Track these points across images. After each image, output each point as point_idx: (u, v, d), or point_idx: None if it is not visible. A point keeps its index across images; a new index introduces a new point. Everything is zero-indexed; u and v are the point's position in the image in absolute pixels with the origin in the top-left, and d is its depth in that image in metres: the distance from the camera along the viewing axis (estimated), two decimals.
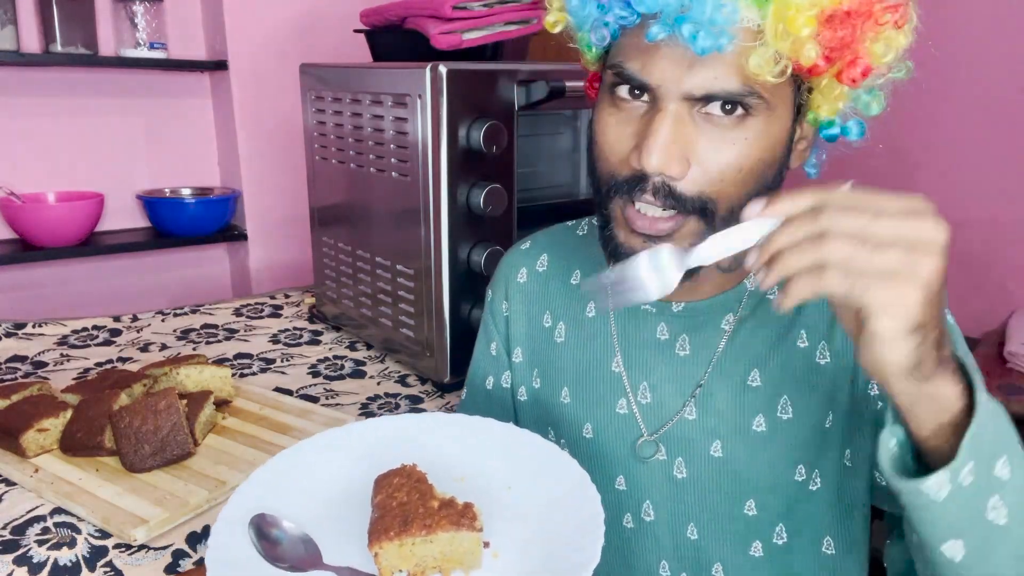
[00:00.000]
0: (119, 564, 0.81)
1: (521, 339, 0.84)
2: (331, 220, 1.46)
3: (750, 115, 0.59)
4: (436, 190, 1.13)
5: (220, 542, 0.59)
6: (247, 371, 1.30)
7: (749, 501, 0.71)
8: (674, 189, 0.60)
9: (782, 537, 0.71)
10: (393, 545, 0.57)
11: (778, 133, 0.61)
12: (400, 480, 0.62)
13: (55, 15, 1.74)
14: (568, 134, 1.61)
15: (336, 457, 0.70)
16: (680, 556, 0.74)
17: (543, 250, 0.85)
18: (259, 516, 0.61)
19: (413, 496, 0.60)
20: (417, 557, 0.58)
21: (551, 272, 0.83)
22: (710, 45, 0.55)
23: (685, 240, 0.62)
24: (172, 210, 1.95)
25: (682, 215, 0.61)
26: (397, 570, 0.58)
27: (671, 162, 0.58)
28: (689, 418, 0.72)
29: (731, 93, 0.58)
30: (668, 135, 0.58)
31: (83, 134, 1.93)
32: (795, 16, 0.54)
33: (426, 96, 1.11)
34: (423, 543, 0.57)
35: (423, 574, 0.58)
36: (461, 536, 0.57)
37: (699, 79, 0.58)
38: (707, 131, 0.59)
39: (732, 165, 0.60)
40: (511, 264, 0.86)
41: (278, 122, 2.05)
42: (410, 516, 0.58)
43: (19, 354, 1.35)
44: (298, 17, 2.05)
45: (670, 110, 0.59)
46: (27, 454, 0.95)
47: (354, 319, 1.44)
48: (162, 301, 2.06)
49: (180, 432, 0.94)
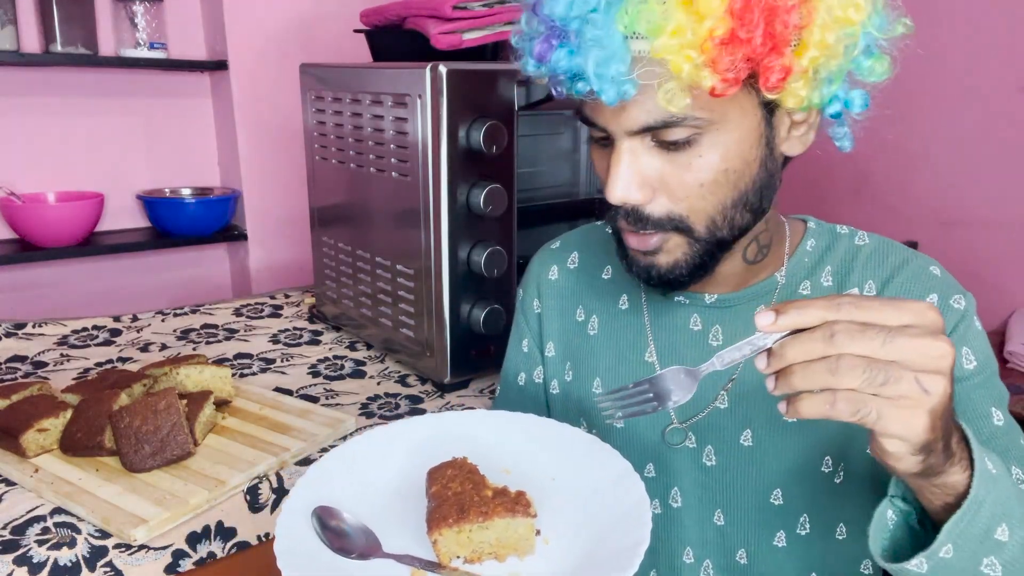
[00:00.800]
0: (119, 564, 0.81)
1: (554, 334, 0.86)
2: (331, 220, 1.46)
3: (701, 133, 0.62)
4: (436, 190, 1.13)
5: (286, 533, 0.61)
6: (247, 371, 1.30)
7: (776, 491, 0.73)
8: (642, 214, 0.65)
9: (805, 528, 0.73)
10: (452, 531, 0.59)
11: (738, 139, 0.63)
12: (453, 472, 0.64)
13: (55, 15, 1.74)
14: (568, 134, 1.60)
15: (385, 454, 0.72)
16: (704, 543, 0.76)
17: (573, 248, 0.88)
18: (321, 508, 0.63)
19: (467, 486, 0.62)
20: (474, 543, 0.60)
21: (582, 268, 0.86)
22: (614, 96, 0.58)
23: (675, 252, 0.66)
24: (172, 210, 1.95)
25: (661, 234, 0.66)
26: (455, 556, 0.60)
27: (631, 192, 0.63)
28: (721, 407, 0.74)
29: (666, 121, 0.61)
30: (624, 169, 0.63)
31: (83, 134, 1.93)
32: (675, 57, 0.56)
33: (426, 96, 1.11)
34: (480, 529, 0.59)
35: (479, 559, 0.61)
36: (516, 522, 0.59)
37: (632, 117, 0.61)
38: (660, 157, 0.63)
39: (692, 184, 0.63)
40: (542, 263, 0.89)
41: (278, 122, 2.05)
42: (466, 504, 0.60)
43: (19, 354, 1.35)
44: (298, 17, 2.05)
45: (623, 147, 0.63)
46: (27, 454, 0.95)
47: (354, 319, 1.44)
48: (162, 301, 2.06)
49: (180, 432, 0.94)
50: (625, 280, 0.82)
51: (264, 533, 0.93)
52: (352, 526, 0.63)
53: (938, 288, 0.70)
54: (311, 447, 1.01)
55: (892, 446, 0.48)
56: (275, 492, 0.94)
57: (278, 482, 0.95)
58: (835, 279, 0.73)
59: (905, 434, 0.47)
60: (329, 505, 0.64)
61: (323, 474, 0.68)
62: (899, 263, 0.72)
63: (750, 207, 0.66)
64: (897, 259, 0.72)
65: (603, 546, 0.59)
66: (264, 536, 0.93)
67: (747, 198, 0.65)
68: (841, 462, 0.72)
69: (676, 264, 0.67)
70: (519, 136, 1.18)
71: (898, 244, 0.74)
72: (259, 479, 0.94)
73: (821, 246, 0.75)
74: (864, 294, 0.71)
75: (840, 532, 0.74)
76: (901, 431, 0.47)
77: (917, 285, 0.70)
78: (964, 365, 0.67)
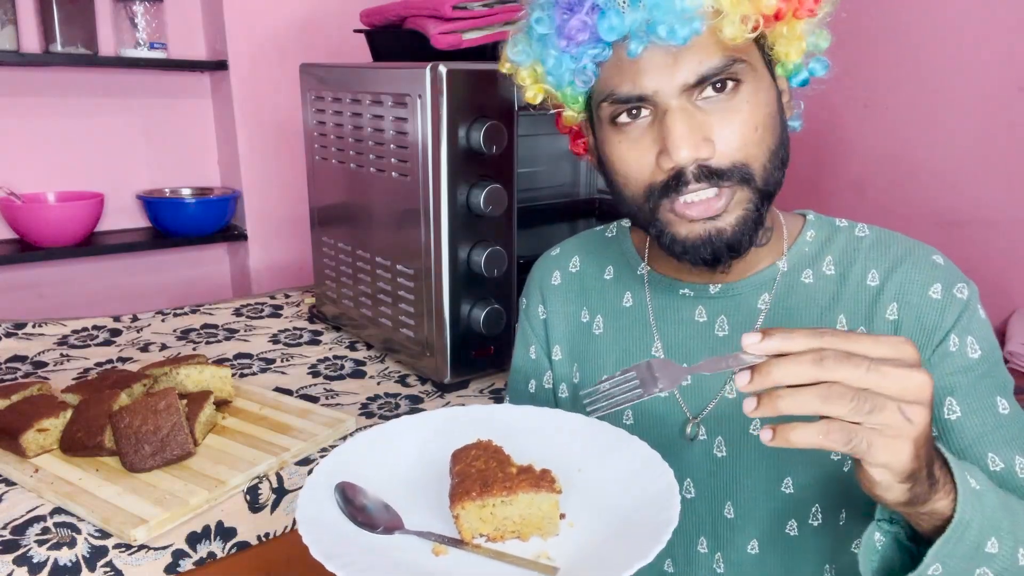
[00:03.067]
0: (119, 564, 0.81)
1: (560, 338, 0.86)
2: (331, 220, 1.46)
3: (741, 83, 0.64)
4: (436, 190, 1.13)
5: (308, 505, 0.60)
6: (247, 371, 1.30)
7: (787, 479, 0.73)
8: (712, 168, 0.64)
9: (817, 518, 0.73)
10: (475, 506, 0.58)
11: (767, 89, 0.67)
12: (477, 452, 0.64)
13: (55, 15, 1.74)
14: None
15: (409, 440, 0.72)
16: (717, 534, 0.76)
17: (574, 253, 0.88)
18: (344, 483, 0.63)
19: (491, 464, 0.62)
20: (497, 520, 0.59)
21: (584, 271, 0.86)
22: (688, 32, 0.60)
23: (739, 208, 0.66)
24: (172, 210, 1.95)
25: (728, 188, 0.65)
26: (477, 533, 0.60)
27: (698, 147, 0.63)
28: (729, 397, 0.74)
29: (720, 68, 0.63)
30: (684, 127, 0.63)
31: (83, 134, 1.93)
32: None
33: (426, 96, 1.11)
34: (503, 505, 0.58)
35: (502, 538, 0.60)
36: (540, 498, 0.59)
37: (687, 69, 0.63)
38: (712, 112, 0.64)
39: (749, 127, 0.65)
40: (543, 270, 0.89)
41: (278, 122, 2.05)
42: (490, 480, 0.59)
43: (19, 354, 1.35)
44: (298, 17, 2.05)
45: (675, 106, 0.63)
46: (27, 454, 0.95)
47: (354, 319, 1.44)
48: (162, 301, 2.06)
49: (180, 432, 0.94)
50: (627, 278, 0.82)
51: (264, 533, 0.93)
52: (374, 502, 0.63)
53: (941, 277, 0.70)
54: (311, 447, 1.01)
55: (879, 475, 0.50)
56: (275, 492, 0.94)
57: (278, 482, 0.95)
58: (837, 268, 0.74)
59: (891, 463, 0.48)
60: (352, 482, 0.64)
61: (346, 455, 0.68)
62: (902, 253, 0.72)
63: (782, 159, 0.69)
64: (900, 249, 0.73)
65: (629, 528, 0.58)
66: (264, 536, 0.94)
67: (781, 149, 0.68)
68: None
69: (742, 220, 0.67)
70: (519, 136, 1.18)
71: (898, 234, 0.75)
72: (259, 479, 0.94)
73: (821, 237, 0.76)
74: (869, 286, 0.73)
75: (842, 518, 0.74)
76: (888, 460, 0.48)
77: (921, 274, 0.70)
78: (969, 355, 0.68)
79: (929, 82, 1.68)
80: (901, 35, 1.67)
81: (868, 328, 0.71)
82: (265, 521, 0.93)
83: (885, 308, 0.70)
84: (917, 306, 0.69)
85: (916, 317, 0.69)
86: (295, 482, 0.96)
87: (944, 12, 1.63)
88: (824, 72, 0.71)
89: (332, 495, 0.62)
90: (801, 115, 0.75)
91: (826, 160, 1.86)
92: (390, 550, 0.58)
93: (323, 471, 0.65)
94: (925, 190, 1.71)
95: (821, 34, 0.69)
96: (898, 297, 0.70)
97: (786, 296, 0.74)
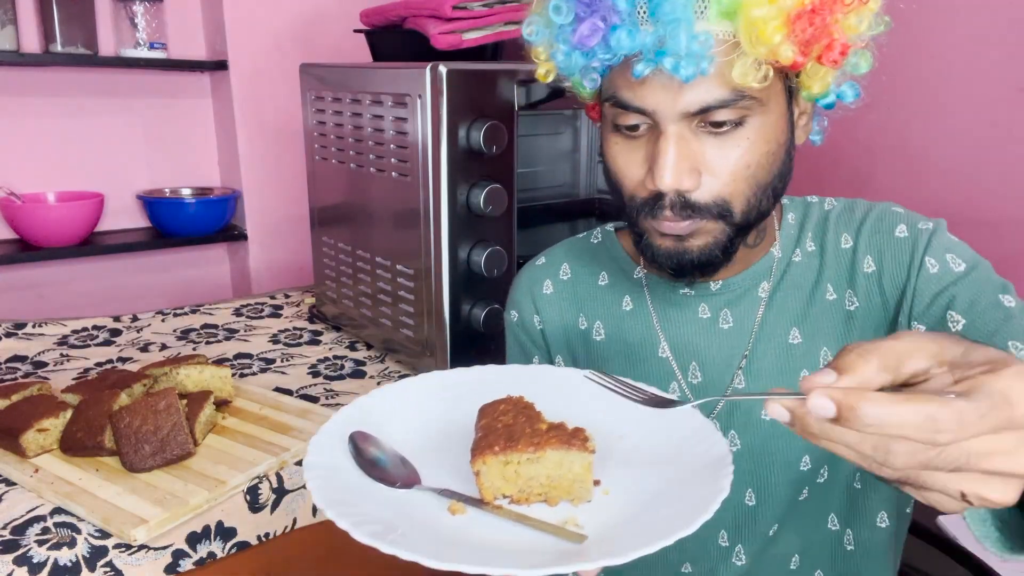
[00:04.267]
0: (119, 564, 0.81)
1: (560, 347, 0.86)
2: (331, 220, 1.46)
3: (748, 115, 0.63)
4: (436, 190, 1.13)
5: (318, 451, 0.56)
6: (247, 371, 1.30)
7: (805, 457, 0.74)
8: (689, 200, 0.64)
9: (823, 476, 0.75)
10: (497, 461, 0.53)
11: (776, 122, 0.65)
12: (506, 407, 0.59)
13: (55, 15, 1.74)
14: (568, 134, 1.61)
15: (436, 397, 0.67)
16: (738, 525, 0.77)
17: (562, 260, 0.87)
18: (358, 433, 0.59)
19: (520, 419, 0.56)
20: (522, 480, 0.54)
21: (576, 278, 0.85)
22: (693, 72, 0.58)
23: (707, 236, 0.66)
24: (172, 210, 1.95)
25: (697, 220, 0.65)
26: (500, 493, 0.54)
27: (682, 178, 0.63)
28: (739, 387, 0.75)
29: (725, 101, 0.61)
30: (674, 154, 0.62)
31: (83, 134, 1.93)
32: (764, 27, 0.57)
33: (426, 96, 1.11)
34: (529, 463, 0.53)
35: (527, 501, 0.54)
36: (572, 457, 0.53)
37: (691, 97, 0.61)
38: (710, 141, 0.63)
39: (740, 166, 0.64)
40: (532, 280, 0.87)
41: (278, 122, 2.05)
42: (516, 435, 0.54)
43: (19, 354, 1.35)
44: (298, 17, 2.05)
45: (671, 131, 0.63)
46: (27, 454, 0.95)
47: (354, 319, 1.44)
48: (162, 301, 2.06)
49: (180, 432, 0.94)
50: (624, 283, 0.82)
51: (264, 533, 0.93)
52: (390, 455, 0.58)
53: (904, 219, 0.73)
54: None
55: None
56: (275, 492, 0.94)
57: (278, 482, 0.95)
58: (816, 242, 0.76)
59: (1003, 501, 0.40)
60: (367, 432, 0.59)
61: (366, 406, 0.63)
62: (865, 211, 0.76)
63: (775, 192, 0.68)
64: (862, 209, 0.76)
65: (672, 496, 0.53)
66: (264, 536, 0.94)
67: (775, 182, 0.67)
68: None
69: (706, 247, 0.67)
70: (519, 136, 1.18)
71: (861, 200, 0.78)
72: (259, 479, 0.94)
73: (799, 217, 0.78)
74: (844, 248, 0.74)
75: (857, 480, 0.75)
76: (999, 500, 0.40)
77: (884, 223, 0.73)
78: (953, 269, 0.68)
79: (929, 82, 1.68)
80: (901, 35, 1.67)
81: (852, 289, 0.73)
82: (265, 521, 0.93)
83: (862, 264, 0.73)
84: (888, 249, 0.72)
85: (891, 259, 0.72)
86: (295, 482, 0.96)
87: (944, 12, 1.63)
88: (854, 98, 0.68)
89: (345, 444, 0.57)
90: (824, 131, 0.74)
91: (826, 160, 1.86)
92: (400, 505, 0.53)
93: (340, 420, 0.60)
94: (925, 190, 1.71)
95: (864, 56, 0.65)
96: (870, 250, 0.73)
97: (781, 281, 0.76)
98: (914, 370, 0.40)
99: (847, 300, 0.74)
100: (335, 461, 0.56)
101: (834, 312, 0.74)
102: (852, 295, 0.73)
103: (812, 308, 0.74)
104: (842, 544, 0.77)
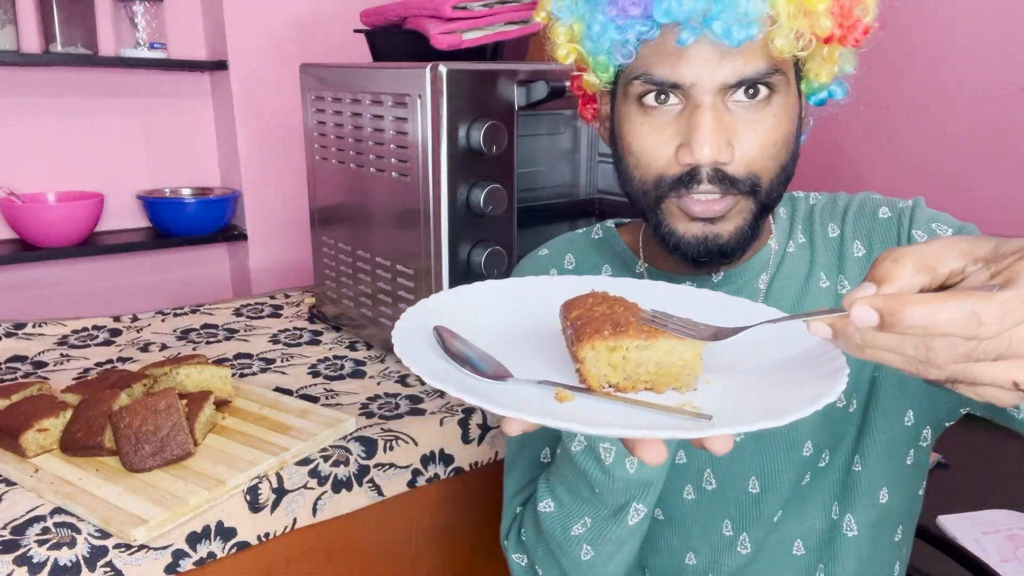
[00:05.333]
0: (119, 564, 0.81)
1: None
2: (331, 220, 1.46)
3: (774, 93, 0.65)
4: (436, 190, 1.13)
5: (404, 338, 0.51)
6: (247, 371, 1.30)
7: (807, 442, 0.75)
8: (727, 173, 0.65)
9: (824, 460, 0.75)
10: (605, 346, 0.49)
11: (794, 104, 0.68)
12: (595, 300, 0.54)
13: (55, 15, 1.74)
14: (568, 134, 1.61)
15: (516, 299, 0.63)
16: (742, 514, 0.77)
17: (565, 251, 0.87)
18: (441, 327, 0.54)
19: (617, 308, 0.52)
20: (629, 367, 0.51)
21: (580, 269, 0.85)
22: (744, 36, 0.59)
23: (739, 217, 0.67)
24: (172, 210, 1.95)
25: (733, 196, 0.66)
26: (606, 382, 0.51)
27: (720, 150, 0.63)
28: None
29: (761, 74, 0.63)
30: (713, 126, 0.63)
31: (83, 134, 1.93)
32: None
33: (426, 96, 1.11)
34: (638, 350, 0.50)
35: (633, 388, 0.52)
36: (684, 345, 0.50)
37: (730, 69, 0.62)
38: (741, 116, 0.65)
39: (769, 140, 0.65)
40: (536, 268, 0.86)
41: (278, 122, 2.05)
42: (622, 323, 0.50)
43: (19, 354, 1.35)
44: (298, 17, 2.05)
45: (708, 103, 0.63)
46: (27, 454, 0.95)
47: (354, 319, 1.44)
48: (162, 301, 2.06)
49: (180, 432, 0.94)
50: (627, 276, 0.82)
51: (264, 533, 0.94)
52: (476, 351, 0.53)
53: (885, 202, 0.76)
54: (311, 447, 1.01)
55: None
56: (275, 492, 0.95)
57: (278, 482, 0.95)
58: (805, 234, 0.78)
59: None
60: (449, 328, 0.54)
61: (437, 304, 0.58)
62: (847, 201, 0.79)
63: (789, 175, 0.69)
64: (844, 200, 0.79)
65: (786, 379, 0.49)
66: (264, 536, 0.94)
67: (790, 166, 0.69)
68: (854, 394, 0.74)
69: (740, 230, 0.67)
70: (519, 136, 1.18)
71: (843, 192, 0.81)
72: (259, 479, 0.94)
73: (789, 210, 0.80)
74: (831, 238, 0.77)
75: (856, 463, 0.75)
76: None
77: (867, 208, 0.76)
78: (942, 236, 0.70)
79: (929, 82, 1.68)
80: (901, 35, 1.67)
81: (843, 274, 0.75)
82: (265, 521, 0.93)
83: (851, 249, 0.75)
84: (875, 231, 0.75)
85: (879, 239, 0.74)
86: (295, 482, 0.97)
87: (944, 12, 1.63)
88: (843, 96, 0.71)
89: (430, 336, 0.53)
90: (808, 132, 0.75)
91: (825, 160, 1.86)
92: (503, 395, 0.49)
93: (413, 315, 0.55)
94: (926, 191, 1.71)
95: (849, 59, 0.68)
96: (857, 234, 0.75)
97: (778, 272, 0.77)
98: (950, 270, 0.41)
99: (839, 285, 0.75)
100: (421, 354, 0.51)
101: (828, 300, 0.76)
102: (844, 280, 0.75)
103: (807, 296, 0.76)
104: (841, 531, 0.77)
